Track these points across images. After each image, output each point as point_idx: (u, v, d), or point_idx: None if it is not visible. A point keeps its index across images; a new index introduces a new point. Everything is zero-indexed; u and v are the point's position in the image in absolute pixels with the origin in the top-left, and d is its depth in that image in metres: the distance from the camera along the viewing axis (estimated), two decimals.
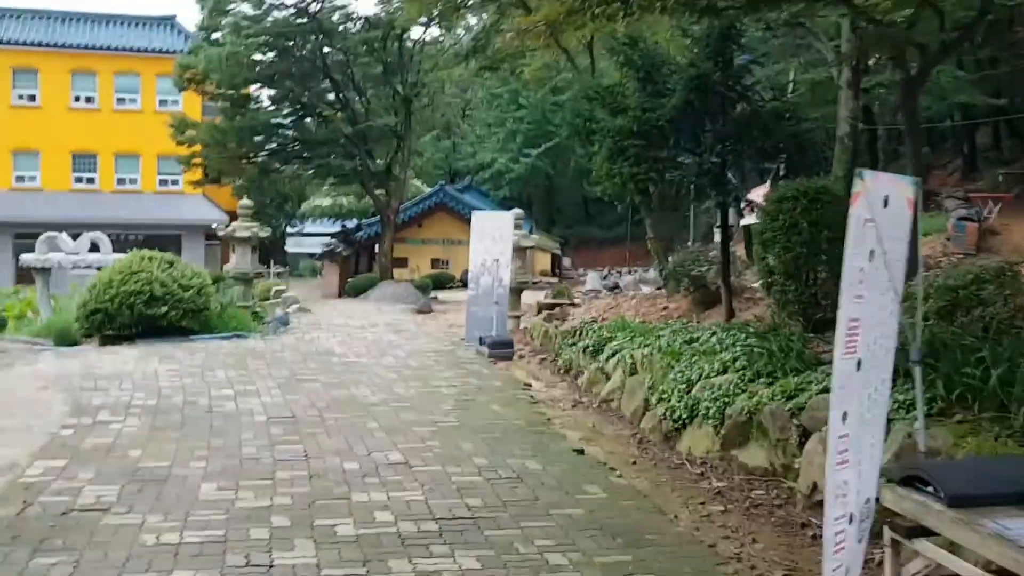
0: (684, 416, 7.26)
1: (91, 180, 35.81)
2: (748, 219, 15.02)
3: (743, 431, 6.43)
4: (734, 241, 20.65)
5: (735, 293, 10.08)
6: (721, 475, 6.35)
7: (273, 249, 42.25)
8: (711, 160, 8.76)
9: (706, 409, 6.95)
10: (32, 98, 34.81)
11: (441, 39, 29.78)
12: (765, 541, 5.11)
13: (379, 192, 27.77)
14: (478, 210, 17.59)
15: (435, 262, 33.37)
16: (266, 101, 28.24)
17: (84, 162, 35.67)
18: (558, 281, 30.03)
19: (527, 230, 17.75)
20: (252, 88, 27.47)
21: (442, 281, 30.36)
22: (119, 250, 16.03)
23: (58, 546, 4.65)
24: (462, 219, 31.97)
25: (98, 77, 35.24)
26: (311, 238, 44.44)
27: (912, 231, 3.96)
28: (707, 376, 7.44)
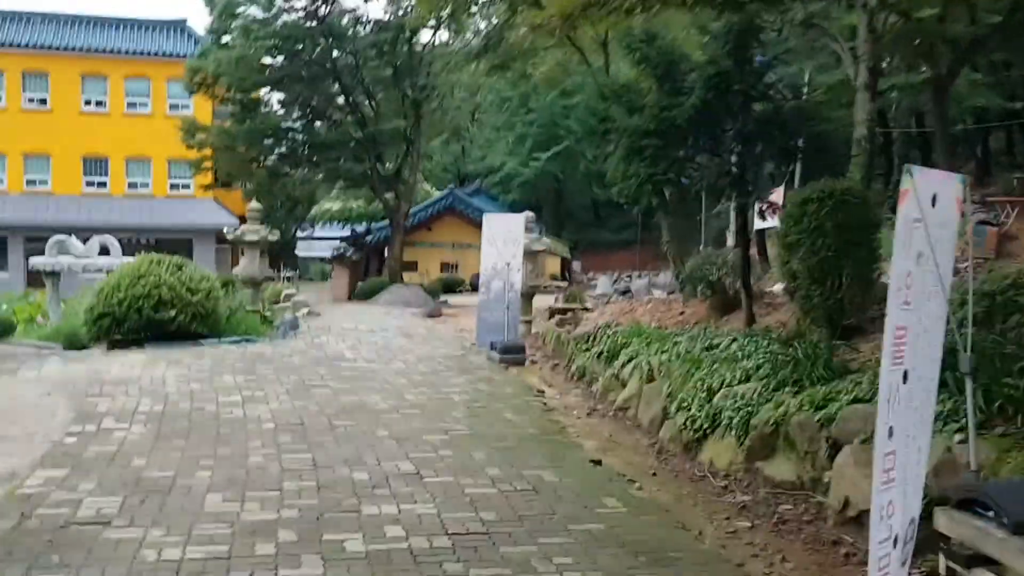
0: (705, 426, 7.01)
1: (102, 184, 35.77)
2: (762, 223, 14.74)
3: (769, 442, 6.17)
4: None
5: (754, 299, 9.81)
6: (746, 488, 6.09)
7: (283, 253, 42.18)
8: (730, 160, 8.51)
9: (729, 419, 6.71)
10: (43, 102, 34.75)
11: (451, 42, 29.63)
12: (796, 560, 4.86)
13: (388, 196, 27.60)
14: (488, 214, 17.36)
15: (444, 266, 33.22)
16: (276, 104, 28.16)
17: (95, 166, 35.63)
18: (568, 286, 29.79)
19: (537, 234, 17.48)
20: (262, 91, 27.38)
21: (451, 285, 30.21)
22: (129, 254, 15.85)
23: (54, 563, 4.44)
24: (472, 223, 31.80)
25: (108, 81, 35.21)
26: (321, 242, 44.34)
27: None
28: (729, 384, 7.20)
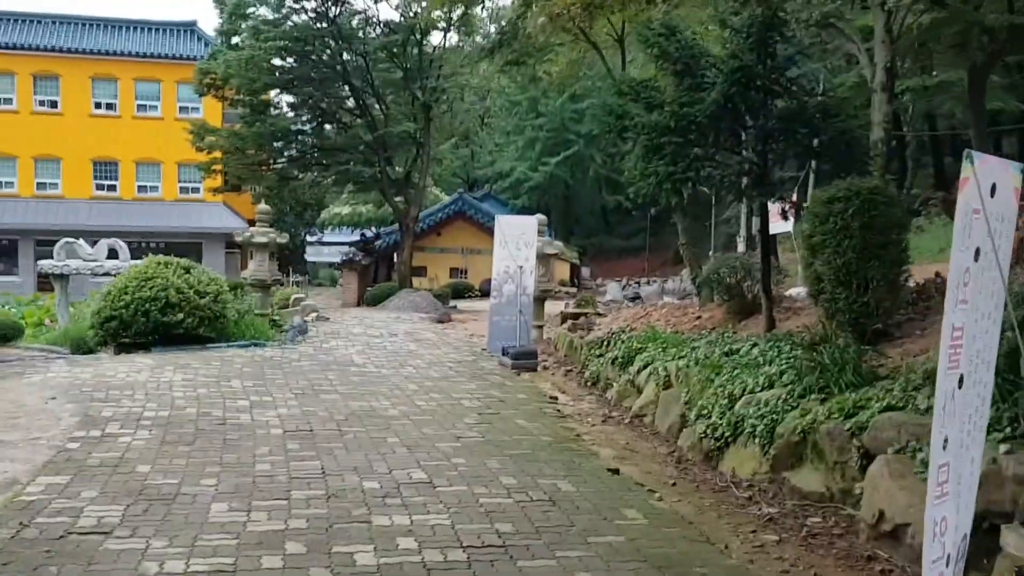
0: (727, 434, 6.76)
1: (112, 188, 35.74)
2: (774, 227, 14.44)
3: (795, 451, 5.92)
4: (758, 250, 20.15)
5: (774, 303, 9.55)
6: (771, 500, 5.84)
7: (292, 258, 42.10)
8: (752, 158, 8.26)
9: (752, 427, 6.46)
10: (53, 104, 34.75)
11: (461, 44, 29.49)
12: None
13: (398, 200, 27.43)
14: (500, 216, 17.13)
15: (454, 271, 33.00)
16: (285, 107, 28.03)
17: (105, 169, 35.59)
18: (577, 292, 29.54)
19: (548, 238, 17.24)
20: (272, 94, 27.26)
21: (461, 290, 30.00)
22: (138, 258, 15.72)
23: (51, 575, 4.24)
24: (481, 228, 31.62)
25: (119, 83, 35.17)
26: (330, 247, 44.25)
27: None
28: (751, 391, 6.95)
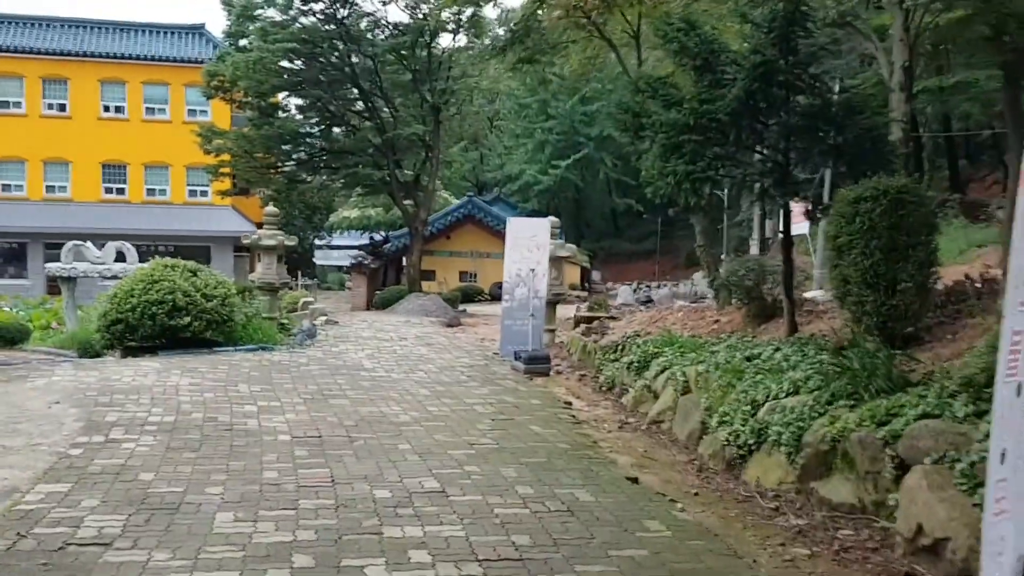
0: (751, 442, 6.53)
1: (120, 191, 35.73)
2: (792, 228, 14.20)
3: (824, 461, 5.68)
4: (770, 253, 19.84)
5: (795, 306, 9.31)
6: (799, 511, 5.60)
7: (301, 261, 42.01)
8: (775, 157, 8.03)
9: (777, 434, 6.22)
10: (62, 108, 34.75)
11: (471, 45, 29.33)
12: None
13: (407, 203, 27.28)
14: (506, 222, 16.93)
15: (463, 275, 32.82)
16: (294, 110, 27.92)
17: (114, 173, 35.58)
18: (588, 295, 29.31)
19: (560, 240, 17.01)
20: (280, 96, 27.16)
21: (470, 294, 29.83)
22: (146, 261, 15.58)
23: None
24: (491, 231, 31.43)
25: (127, 87, 35.14)
26: (339, 251, 44.13)
27: None
28: (775, 397, 6.72)
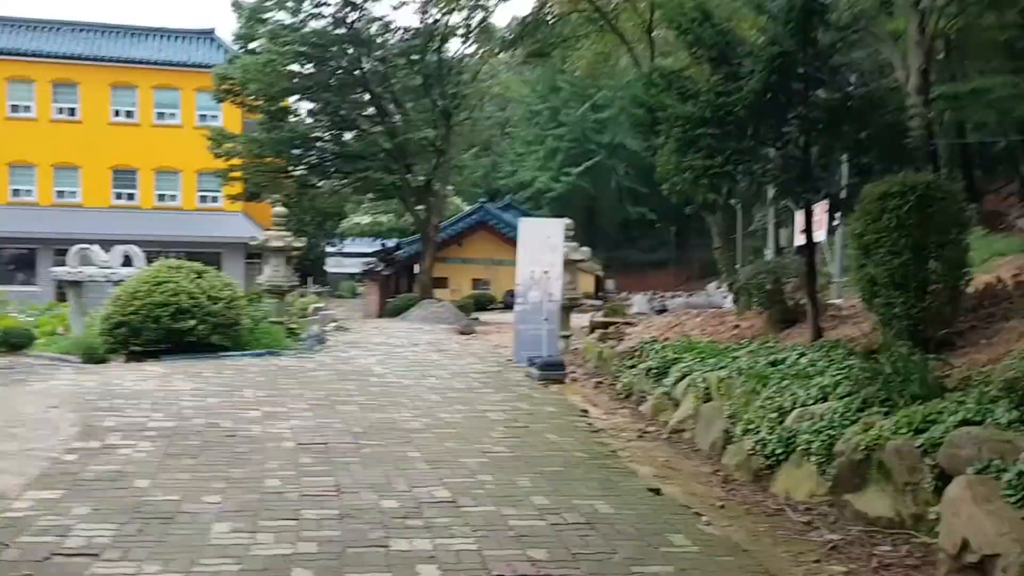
0: (778, 451, 6.19)
1: (131, 196, 35.60)
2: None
3: (858, 471, 5.33)
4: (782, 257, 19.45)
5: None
6: (833, 525, 5.26)
7: (313, 269, 41.88)
8: (795, 153, 7.72)
9: (806, 443, 5.89)
10: (72, 112, 34.65)
11: (480, 51, 29.18)
12: None
13: (419, 208, 27.07)
14: (524, 219, 16.60)
15: (476, 282, 32.53)
16: (304, 114, 27.80)
17: (124, 178, 35.46)
18: (603, 303, 28.97)
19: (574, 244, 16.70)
20: (290, 100, 27.03)
21: (483, 302, 29.56)
22: None
23: None
24: (503, 238, 31.14)
25: (137, 91, 34.98)
26: (351, 258, 44.01)
27: None
28: (803, 404, 6.39)
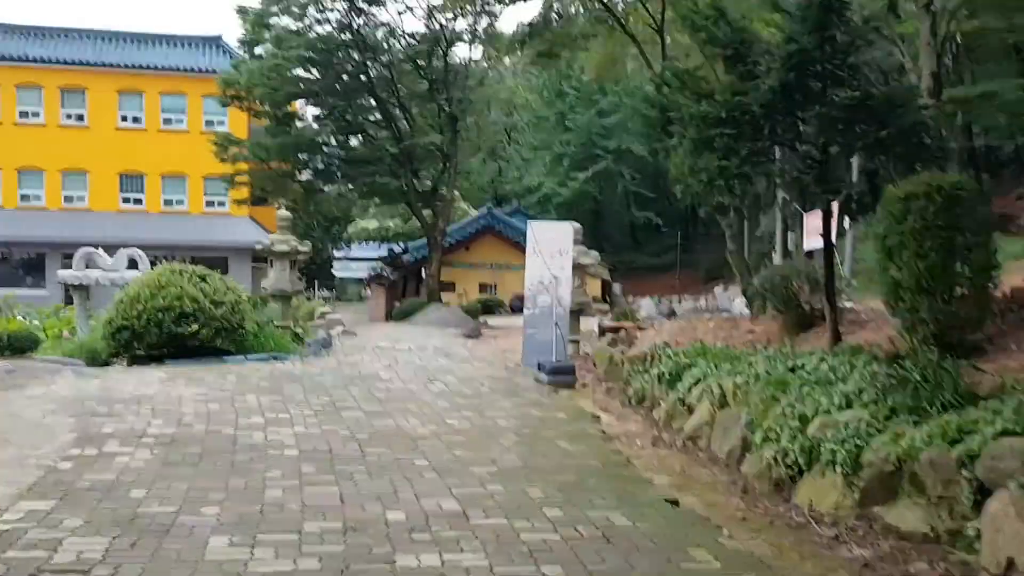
0: (800, 461, 5.92)
1: (138, 201, 35.67)
2: (809, 243, 13.61)
3: (888, 483, 5.07)
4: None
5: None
6: (862, 540, 4.99)
7: (320, 273, 41.78)
8: (811, 153, 7.47)
9: (831, 453, 5.61)
10: (80, 118, 34.79)
11: (486, 58, 29.07)
12: None
13: (426, 213, 26.91)
14: (533, 222, 16.37)
15: (483, 287, 32.35)
16: (310, 119, 27.71)
17: (131, 183, 35.55)
18: (609, 308, 28.72)
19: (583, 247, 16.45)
20: (297, 105, 26.91)
21: (490, 306, 29.39)
22: None
23: None
24: (510, 243, 31.00)
25: (145, 97, 35.12)
26: (358, 262, 43.87)
27: None
28: (826, 411, 6.11)
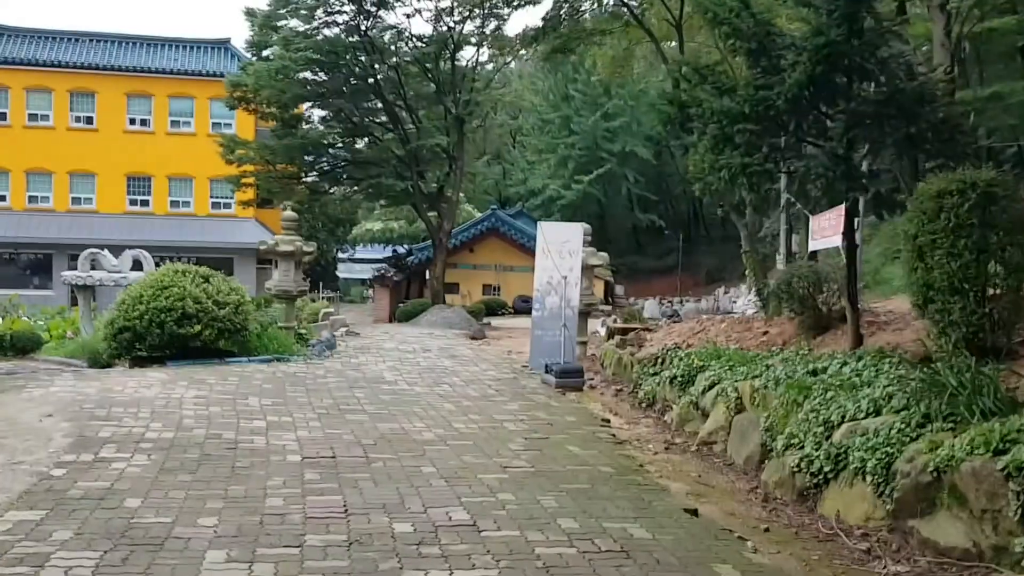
0: (826, 469, 5.65)
1: (145, 203, 35.68)
2: (819, 243, 13.33)
3: (925, 494, 4.79)
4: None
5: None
6: (896, 554, 4.72)
7: (324, 274, 41.60)
8: (836, 150, 7.20)
9: (860, 461, 5.35)
10: (89, 120, 34.86)
11: (494, 59, 28.82)
12: None
13: (431, 215, 26.69)
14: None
15: (487, 288, 32.11)
16: (316, 121, 27.52)
17: (138, 185, 35.57)
18: (612, 309, 28.46)
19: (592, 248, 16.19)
20: (303, 107, 26.74)
21: (494, 307, 29.16)
22: None
23: None
24: (514, 245, 30.84)
25: (153, 100, 35.20)
26: (362, 264, 43.67)
27: None
28: (853, 417, 5.84)
